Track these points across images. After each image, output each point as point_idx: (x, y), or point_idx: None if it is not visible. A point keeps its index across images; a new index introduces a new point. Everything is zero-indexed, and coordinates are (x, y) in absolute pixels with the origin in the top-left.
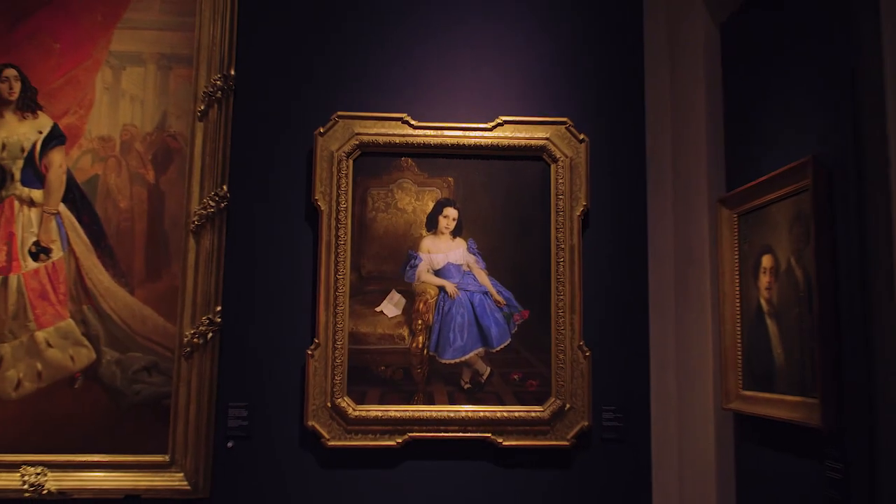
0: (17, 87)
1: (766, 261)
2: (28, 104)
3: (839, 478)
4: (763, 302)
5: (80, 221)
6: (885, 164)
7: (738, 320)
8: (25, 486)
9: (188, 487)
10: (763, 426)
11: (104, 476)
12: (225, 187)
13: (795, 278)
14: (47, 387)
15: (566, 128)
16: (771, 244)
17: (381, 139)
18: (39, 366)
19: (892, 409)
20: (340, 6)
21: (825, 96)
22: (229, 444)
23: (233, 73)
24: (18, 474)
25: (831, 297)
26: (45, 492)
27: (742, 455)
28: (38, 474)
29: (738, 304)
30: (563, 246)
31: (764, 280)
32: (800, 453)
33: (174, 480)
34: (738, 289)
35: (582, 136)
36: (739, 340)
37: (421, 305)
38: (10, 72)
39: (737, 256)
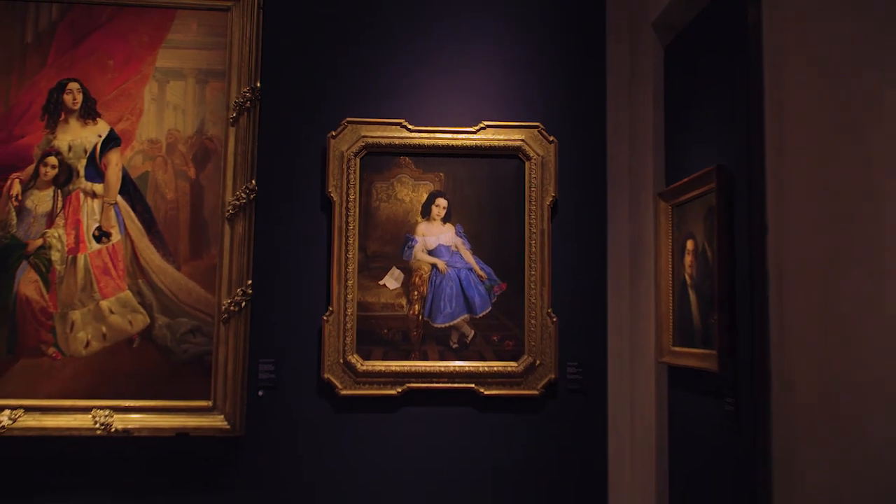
0: (80, 97)
1: (689, 244)
2: (89, 112)
3: (732, 410)
4: (687, 277)
5: (134, 210)
6: (762, 172)
7: (671, 291)
8: (97, 426)
9: (227, 427)
10: (686, 374)
11: (159, 417)
12: (253, 181)
13: (707, 258)
14: (111, 346)
15: (538, 131)
16: (693, 231)
17: (383, 141)
18: (104, 329)
19: (765, 358)
20: (349, 30)
21: (729, 116)
22: (260, 393)
23: (258, 85)
24: (90, 416)
25: (729, 273)
26: (112, 430)
27: (673, 398)
28: (106, 416)
29: (670, 279)
30: (534, 230)
31: (688, 259)
32: (709, 394)
33: (216, 421)
34: (671, 266)
35: (552, 138)
36: (671, 307)
37: (417, 279)
38: (74, 85)
39: (670, 240)
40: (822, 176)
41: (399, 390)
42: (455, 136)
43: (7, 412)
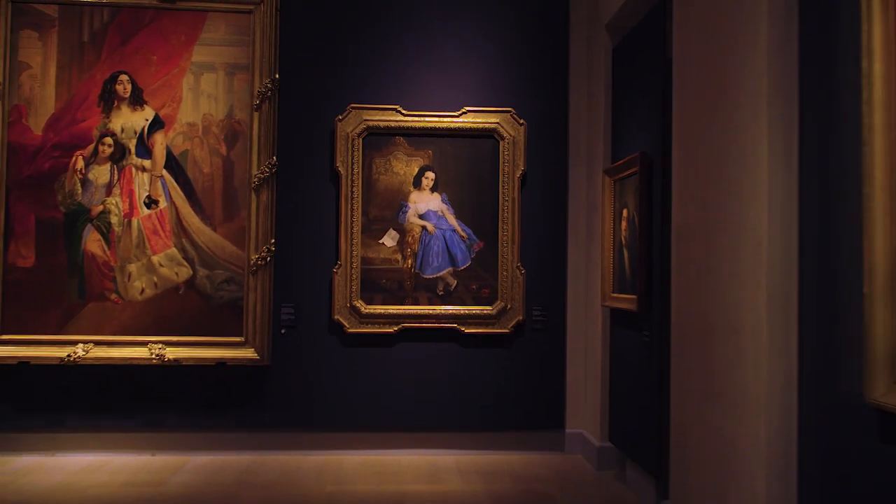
0: (129, 87)
1: (625, 212)
2: (137, 100)
3: (648, 341)
4: (622, 238)
5: (177, 182)
6: (670, 159)
7: (612, 249)
8: (152, 356)
9: (257, 357)
10: (620, 314)
11: (202, 350)
12: (275, 158)
13: (635, 225)
14: (161, 293)
15: (511, 115)
16: (627, 202)
17: (381, 123)
18: (155, 279)
19: (665, 301)
20: (354, 30)
21: (652, 112)
22: (282, 331)
23: (277, 77)
24: (147, 349)
25: (647, 236)
26: (165, 360)
27: (613, 334)
28: (160, 349)
29: (611, 240)
30: (507, 198)
31: (623, 224)
32: (633, 329)
33: (248, 353)
34: (612, 229)
35: (522, 121)
36: (611, 262)
37: (410, 239)
38: (124, 77)
39: (612, 208)
40: (707, 165)
41: (395, 329)
42: (441, 119)
43: (80, 345)
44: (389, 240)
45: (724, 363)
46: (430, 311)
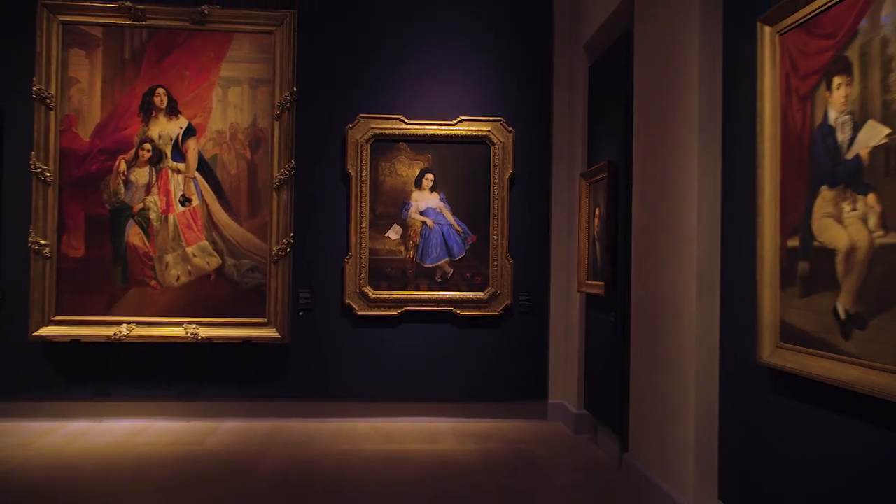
0: (165, 99)
1: (597, 211)
2: (172, 110)
3: (614, 321)
4: (595, 233)
5: (207, 182)
6: (631, 168)
7: (587, 243)
8: (188, 335)
9: (278, 336)
10: (593, 299)
11: (230, 330)
12: (293, 161)
13: (606, 222)
14: (195, 279)
15: (501, 123)
16: (599, 202)
17: (386, 131)
18: (189, 268)
19: (628, 286)
20: (362, 48)
21: (618, 125)
22: (300, 313)
23: (295, 90)
24: (183, 329)
25: (613, 232)
26: (198, 338)
27: (588, 316)
28: (194, 329)
29: (587, 234)
30: (497, 197)
31: (596, 222)
32: (603, 311)
33: (270, 332)
34: (587, 225)
35: (511, 129)
36: (587, 254)
37: (412, 232)
38: (161, 90)
39: (587, 207)
40: (657, 174)
41: (399, 311)
42: (439, 127)
43: (124, 325)
44: (394, 233)
45: (668, 337)
46: (430, 297)
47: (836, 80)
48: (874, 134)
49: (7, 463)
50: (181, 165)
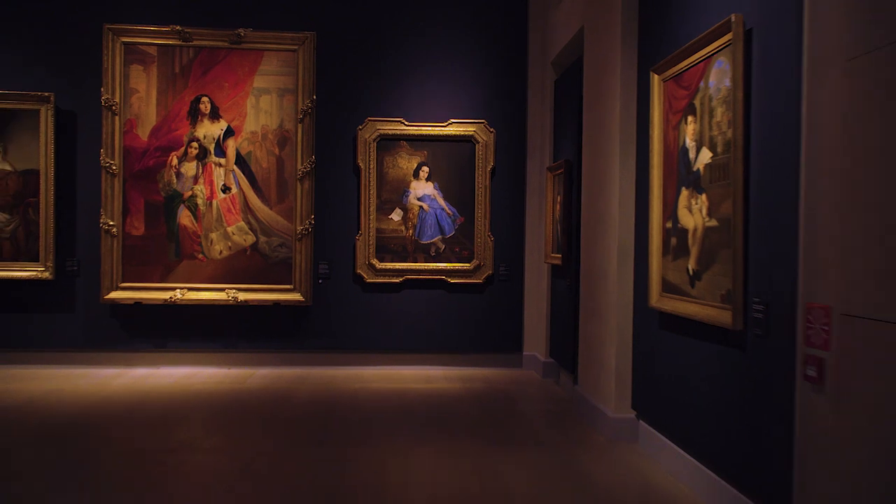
0: (209, 106)
1: (559, 199)
2: (215, 115)
3: (569, 285)
4: (558, 216)
5: (244, 174)
6: (580, 167)
7: (551, 224)
8: (229, 299)
9: (302, 300)
10: (555, 268)
11: (263, 294)
12: (313, 157)
13: (563, 208)
14: (234, 253)
15: (484, 125)
16: (560, 191)
17: (390, 131)
18: (229, 244)
19: (578, 258)
20: (369, 62)
21: (573, 130)
22: (320, 281)
23: (315, 98)
24: (225, 293)
25: (568, 216)
26: (238, 301)
27: (553, 284)
28: (234, 293)
29: (552, 217)
30: (481, 185)
31: (557, 207)
32: (562, 278)
33: (296, 297)
34: (551, 210)
35: (492, 130)
36: (552, 232)
37: (411, 215)
38: (205, 98)
39: (552, 195)
40: (594, 172)
41: (400, 279)
42: (434, 128)
43: (178, 290)
44: (396, 216)
45: (600, 294)
46: (426, 267)
47: (689, 118)
48: (705, 156)
49: (92, 398)
50: (222, 160)
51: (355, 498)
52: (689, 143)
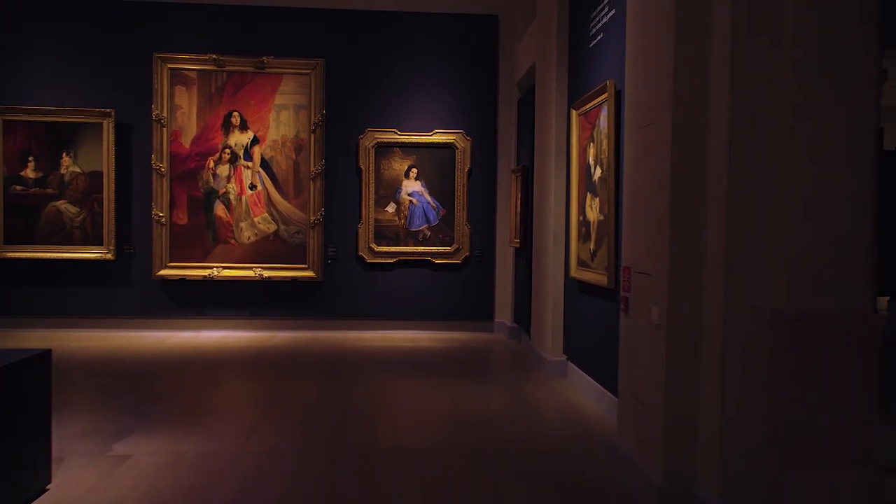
0: (239, 119)
1: (520, 196)
2: (244, 127)
3: (526, 263)
4: (519, 208)
5: (267, 174)
6: (533, 169)
7: (516, 215)
8: (256, 276)
9: (315, 276)
10: (518, 251)
11: (283, 272)
12: (323, 161)
13: (523, 202)
14: (260, 239)
15: (462, 134)
16: (519, 190)
17: (385, 139)
18: (256, 231)
19: (531, 240)
20: (369, 84)
21: (530, 140)
22: (329, 261)
23: (324, 112)
24: (252, 271)
25: (526, 209)
26: (263, 278)
27: (516, 263)
28: (260, 271)
29: (516, 209)
30: (460, 184)
31: (518, 201)
32: (522, 258)
33: (310, 274)
34: (516, 204)
35: (469, 138)
36: (515, 222)
37: (402, 208)
38: (236, 113)
39: (514, 192)
40: (541, 176)
41: (394, 260)
42: (421, 136)
43: (215, 268)
44: (390, 208)
45: (542, 269)
46: (415, 251)
47: (591, 145)
48: (598, 172)
49: (152, 352)
50: (249, 163)
51: (359, 404)
52: (591, 161)
